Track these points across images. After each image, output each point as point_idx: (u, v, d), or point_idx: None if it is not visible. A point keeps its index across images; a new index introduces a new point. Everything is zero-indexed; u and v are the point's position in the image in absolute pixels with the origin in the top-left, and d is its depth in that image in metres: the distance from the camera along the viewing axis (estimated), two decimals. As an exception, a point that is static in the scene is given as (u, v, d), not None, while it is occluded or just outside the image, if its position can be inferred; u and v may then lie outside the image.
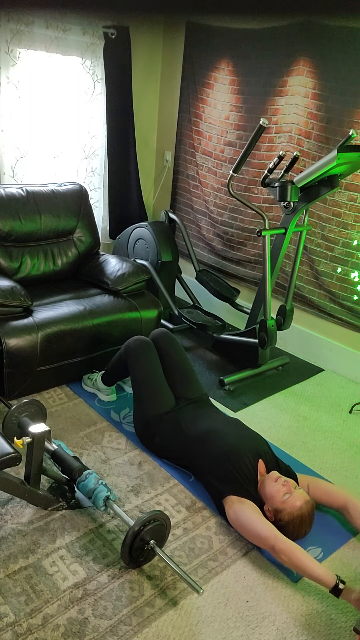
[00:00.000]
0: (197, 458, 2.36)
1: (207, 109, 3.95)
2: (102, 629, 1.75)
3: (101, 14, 0.67)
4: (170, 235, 3.90)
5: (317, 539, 2.17)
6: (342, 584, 1.83)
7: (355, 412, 3.12)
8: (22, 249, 3.30)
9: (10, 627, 1.72)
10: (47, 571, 1.93)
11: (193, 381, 2.72)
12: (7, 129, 3.57)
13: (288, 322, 3.30)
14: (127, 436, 2.69)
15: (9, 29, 3.34)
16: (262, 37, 3.46)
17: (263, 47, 3.48)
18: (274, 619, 1.84)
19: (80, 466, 2.20)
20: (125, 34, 3.85)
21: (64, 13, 0.60)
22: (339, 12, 0.60)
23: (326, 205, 3.36)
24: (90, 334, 3.00)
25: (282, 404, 3.14)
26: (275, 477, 2.15)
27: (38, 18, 3.36)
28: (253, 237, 3.87)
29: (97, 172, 4.18)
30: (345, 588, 1.83)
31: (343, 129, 3.17)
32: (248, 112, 3.67)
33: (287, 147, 3.48)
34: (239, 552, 2.09)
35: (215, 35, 3.75)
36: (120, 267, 3.37)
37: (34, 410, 2.47)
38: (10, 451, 1.94)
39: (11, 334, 2.72)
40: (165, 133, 4.41)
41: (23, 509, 2.17)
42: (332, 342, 3.57)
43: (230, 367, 3.47)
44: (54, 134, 3.81)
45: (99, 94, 3.92)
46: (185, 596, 1.89)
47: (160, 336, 2.77)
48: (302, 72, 3.30)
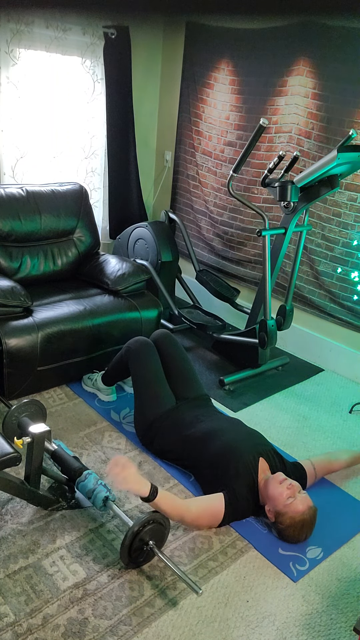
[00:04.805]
0: (197, 458, 2.36)
1: (207, 109, 3.95)
2: (102, 629, 1.75)
3: (101, 14, 0.67)
4: (170, 235, 3.90)
5: (317, 539, 2.17)
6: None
7: (355, 412, 3.12)
8: (22, 249, 3.30)
9: (10, 627, 1.72)
10: (47, 571, 1.93)
11: (193, 382, 2.72)
12: (7, 129, 3.57)
13: (288, 322, 3.30)
14: (127, 436, 2.69)
15: (9, 29, 3.34)
16: (262, 37, 3.46)
17: (263, 47, 3.48)
18: (274, 619, 1.84)
19: (80, 466, 2.20)
20: (125, 34, 3.85)
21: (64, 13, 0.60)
22: (339, 12, 0.60)
23: (326, 205, 3.36)
24: (90, 334, 3.00)
25: (282, 404, 3.14)
26: (280, 479, 2.14)
27: (38, 18, 3.36)
28: (253, 237, 3.87)
29: (97, 172, 4.18)
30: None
31: (343, 129, 3.17)
32: (248, 112, 3.67)
33: (287, 147, 3.48)
34: (239, 552, 2.09)
35: (215, 35, 3.75)
36: (120, 267, 3.37)
37: (34, 410, 2.47)
38: (10, 451, 1.94)
39: (11, 334, 2.72)
40: (165, 133, 4.40)
41: (23, 509, 2.17)
42: (332, 342, 3.57)
43: (230, 367, 3.47)
44: (54, 134, 3.81)
45: (99, 94, 3.92)
46: (185, 596, 1.89)
47: (161, 337, 2.77)
48: (302, 72, 3.30)
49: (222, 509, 2.10)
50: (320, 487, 2.46)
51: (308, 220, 3.27)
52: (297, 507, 2.07)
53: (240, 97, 3.69)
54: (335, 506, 2.37)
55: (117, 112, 4.03)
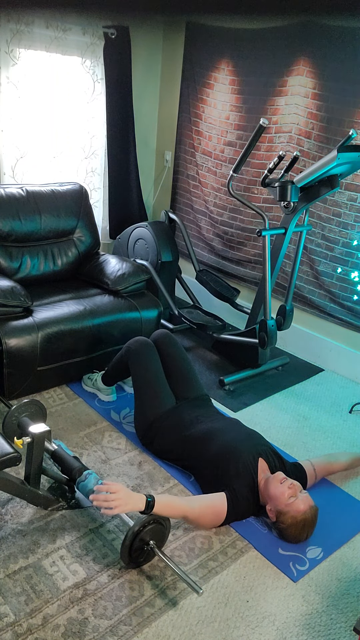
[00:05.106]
0: (197, 458, 2.36)
1: (207, 109, 3.95)
2: (102, 629, 1.75)
3: (101, 14, 0.67)
4: (170, 235, 3.90)
5: (317, 539, 2.17)
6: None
7: (355, 412, 3.12)
8: (22, 249, 3.30)
9: (10, 627, 1.72)
10: (47, 571, 1.93)
11: (193, 382, 2.72)
12: (7, 129, 3.57)
13: (288, 322, 3.30)
14: (127, 436, 2.69)
15: (9, 29, 3.34)
16: (262, 37, 3.46)
17: (263, 47, 3.48)
18: (274, 619, 1.84)
19: (80, 466, 2.20)
20: (125, 34, 3.85)
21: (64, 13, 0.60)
22: (339, 12, 0.60)
23: (326, 205, 3.36)
24: (90, 334, 3.00)
25: (282, 404, 3.14)
26: (281, 478, 2.14)
27: (38, 18, 3.36)
28: (253, 237, 3.87)
29: (97, 172, 4.18)
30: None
31: (343, 129, 3.17)
32: (248, 112, 3.67)
33: (287, 147, 3.48)
34: (239, 552, 2.09)
35: (215, 35, 3.75)
36: (120, 267, 3.37)
37: (34, 410, 2.47)
38: (10, 451, 1.94)
39: (11, 334, 2.72)
40: (165, 133, 4.40)
41: (23, 509, 2.17)
42: (332, 342, 3.57)
43: (230, 367, 3.47)
44: (54, 134, 3.81)
45: (99, 94, 3.92)
46: (185, 596, 1.89)
47: (161, 337, 2.77)
48: (302, 72, 3.30)
49: (225, 507, 2.11)
50: (321, 487, 2.46)
51: (308, 220, 3.27)
52: (299, 506, 2.07)
53: (240, 97, 3.69)
54: (336, 506, 2.37)
55: (117, 112, 4.03)
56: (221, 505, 2.11)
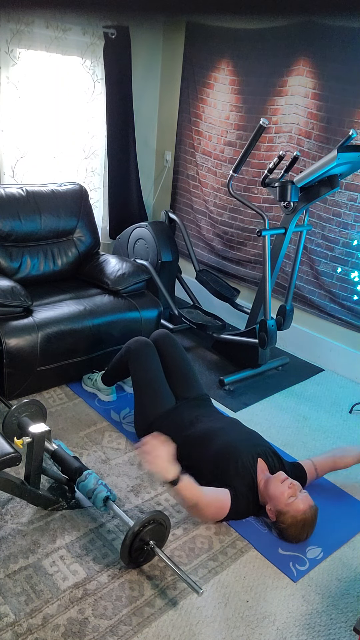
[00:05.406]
0: (197, 458, 2.36)
1: (207, 109, 3.95)
2: (102, 629, 1.75)
3: (101, 14, 0.67)
4: (170, 235, 3.90)
5: (317, 539, 2.17)
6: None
7: (355, 412, 3.12)
8: (22, 249, 3.30)
9: (10, 627, 1.72)
10: (47, 571, 1.93)
11: (193, 382, 2.72)
12: (7, 129, 3.57)
13: (288, 322, 3.30)
14: (127, 436, 2.69)
15: (9, 29, 3.34)
16: (262, 37, 3.46)
17: (263, 47, 3.48)
18: (274, 619, 1.84)
19: (80, 466, 2.20)
20: (125, 34, 3.85)
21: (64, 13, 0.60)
22: (339, 12, 0.60)
23: (326, 205, 3.36)
24: (90, 334, 3.00)
25: (282, 404, 3.14)
26: (281, 478, 2.15)
27: (38, 18, 3.36)
28: (253, 237, 3.87)
29: (97, 172, 4.18)
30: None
31: (343, 129, 3.17)
32: (248, 112, 3.67)
33: (287, 147, 3.48)
34: (239, 552, 2.09)
35: (215, 35, 3.75)
36: (120, 267, 3.37)
37: (34, 410, 2.47)
38: (10, 451, 1.94)
39: (11, 334, 2.72)
40: (165, 133, 4.40)
41: (23, 509, 2.17)
42: (332, 342, 3.57)
43: (230, 367, 3.47)
44: (54, 134, 3.81)
45: (99, 94, 3.92)
46: (185, 596, 1.89)
47: (161, 337, 2.77)
48: (302, 72, 3.30)
49: (229, 503, 2.13)
50: (321, 487, 2.46)
51: (308, 220, 3.27)
52: (299, 506, 2.07)
53: (240, 97, 3.69)
54: (336, 506, 2.37)
55: (117, 112, 4.03)
56: (226, 500, 2.13)
